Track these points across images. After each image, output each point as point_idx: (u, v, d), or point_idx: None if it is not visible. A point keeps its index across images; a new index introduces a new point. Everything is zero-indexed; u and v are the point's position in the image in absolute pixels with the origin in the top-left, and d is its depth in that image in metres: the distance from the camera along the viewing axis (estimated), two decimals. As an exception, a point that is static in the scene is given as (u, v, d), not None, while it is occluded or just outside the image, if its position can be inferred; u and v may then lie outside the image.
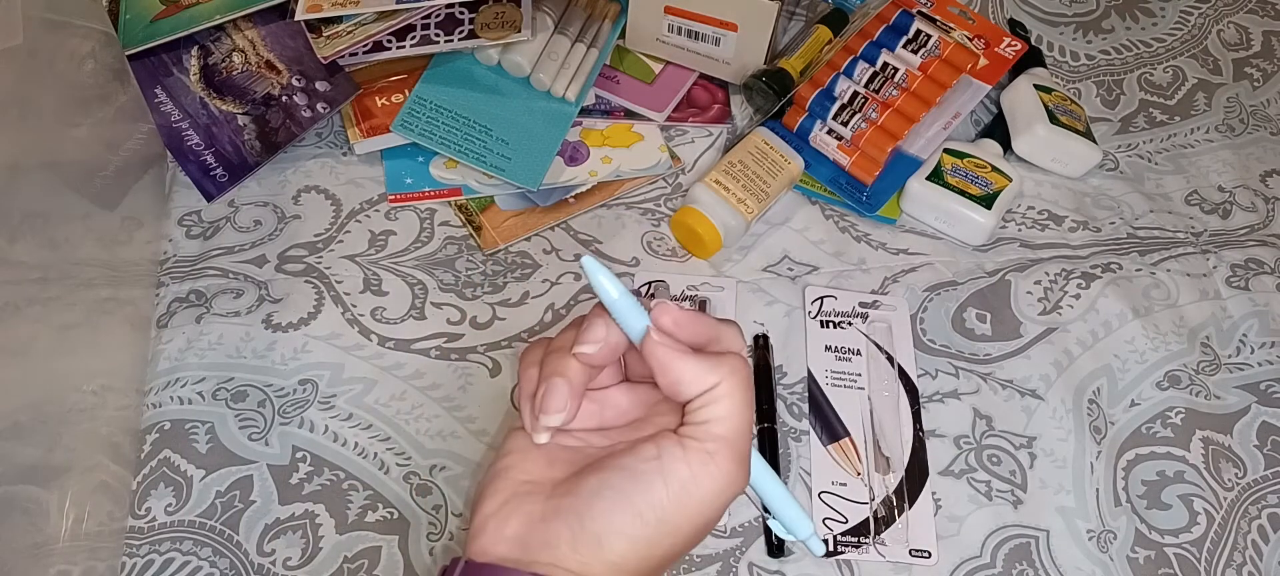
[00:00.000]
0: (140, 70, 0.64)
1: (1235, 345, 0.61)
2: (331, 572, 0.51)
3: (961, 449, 0.56)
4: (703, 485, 0.29)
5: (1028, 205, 0.68)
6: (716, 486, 0.30)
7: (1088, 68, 0.77)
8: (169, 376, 0.57)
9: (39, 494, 0.44)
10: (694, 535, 0.31)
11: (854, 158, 0.66)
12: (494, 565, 0.30)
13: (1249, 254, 0.66)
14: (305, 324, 0.60)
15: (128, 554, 0.51)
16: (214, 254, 0.63)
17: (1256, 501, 0.55)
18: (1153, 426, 0.58)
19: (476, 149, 0.66)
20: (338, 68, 0.67)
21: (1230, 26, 0.81)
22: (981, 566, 0.52)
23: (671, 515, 0.29)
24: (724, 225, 0.62)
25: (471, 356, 0.59)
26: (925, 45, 0.69)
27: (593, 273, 0.31)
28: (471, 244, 0.64)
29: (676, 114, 0.71)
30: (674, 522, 0.29)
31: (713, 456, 0.30)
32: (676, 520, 0.29)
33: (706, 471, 0.29)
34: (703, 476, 0.29)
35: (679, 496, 0.29)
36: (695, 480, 0.29)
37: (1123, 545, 0.53)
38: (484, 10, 0.67)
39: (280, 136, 0.66)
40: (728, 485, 0.30)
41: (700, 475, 0.29)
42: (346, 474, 0.54)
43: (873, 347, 0.60)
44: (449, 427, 0.56)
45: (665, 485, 0.29)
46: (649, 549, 0.30)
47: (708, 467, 0.30)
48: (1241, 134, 0.73)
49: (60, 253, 0.50)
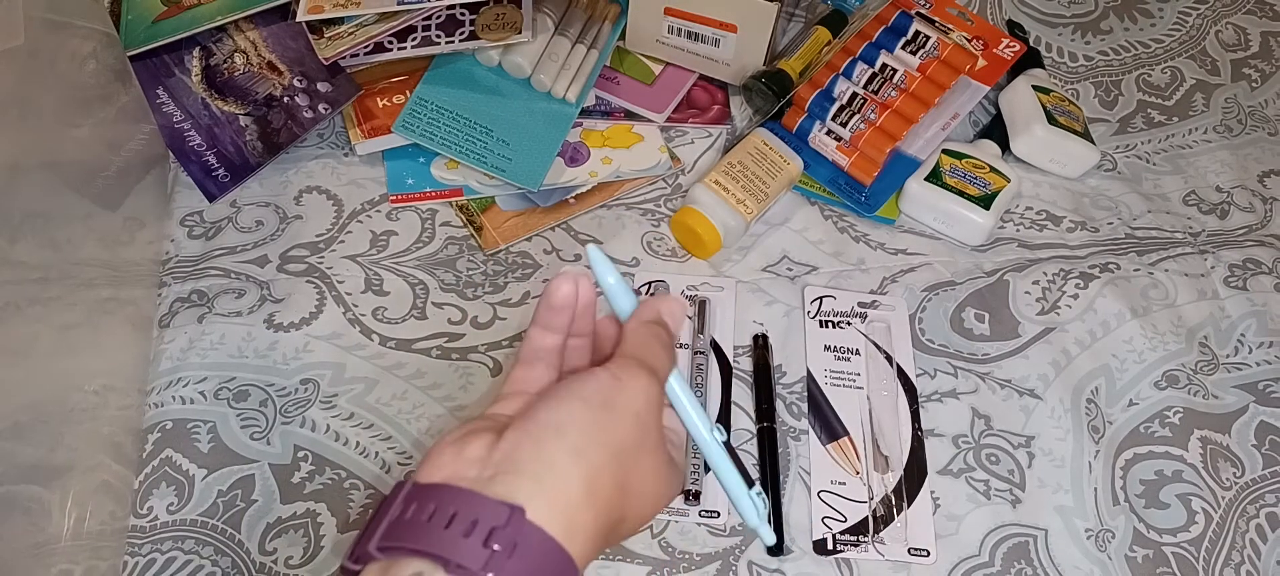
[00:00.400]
0: (142, 71, 0.65)
1: (1233, 345, 0.62)
2: (333, 572, 0.51)
3: (960, 448, 0.56)
4: (627, 384, 0.33)
5: (1026, 205, 0.68)
6: (639, 385, 0.33)
7: (1086, 69, 0.78)
8: (171, 376, 0.57)
9: (41, 493, 0.44)
10: (641, 446, 0.33)
11: (853, 158, 0.66)
12: (442, 485, 0.30)
13: (1247, 254, 0.66)
14: (307, 323, 0.60)
15: (129, 553, 0.51)
16: (216, 254, 0.63)
17: (1254, 500, 0.55)
18: (1151, 426, 0.58)
19: (477, 150, 0.66)
20: (339, 69, 0.67)
21: (1228, 27, 0.81)
22: (980, 565, 0.52)
23: (614, 400, 0.32)
24: (724, 225, 0.62)
25: (472, 356, 0.59)
26: (924, 46, 0.69)
27: (595, 261, 0.36)
28: (472, 244, 0.64)
29: (676, 115, 0.71)
30: (619, 409, 0.32)
31: (628, 365, 0.34)
32: (619, 406, 0.32)
33: (627, 371, 0.33)
34: (625, 375, 0.33)
35: (614, 386, 0.33)
36: (618, 379, 0.33)
37: (1121, 544, 0.53)
38: (485, 12, 0.67)
39: (282, 137, 0.66)
40: (651, 388, 0.33)
41: (622, 375, 0.33)
42: (348, 473, 0.54)
43: (872, 347, 0.60)
44: (450, 427, 0.56)
45: (605, 377, 0.33)
46: (601, 435, 0.31)
47: (627, 369, 0.33)
48: (1239, 134, 0.74)
49: (62, 253, 0.50)
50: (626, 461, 0.32)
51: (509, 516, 0.28)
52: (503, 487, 0.29)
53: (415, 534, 0.28)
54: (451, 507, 0.28)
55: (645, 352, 0.35)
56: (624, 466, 0.32)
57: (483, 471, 0.30)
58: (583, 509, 0.30)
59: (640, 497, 0.33)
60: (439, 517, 0.28)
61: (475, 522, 0.28)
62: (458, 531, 0.28)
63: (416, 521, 0.29)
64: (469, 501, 0.29)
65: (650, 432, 0.33)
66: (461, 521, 0.28)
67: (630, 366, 0.34)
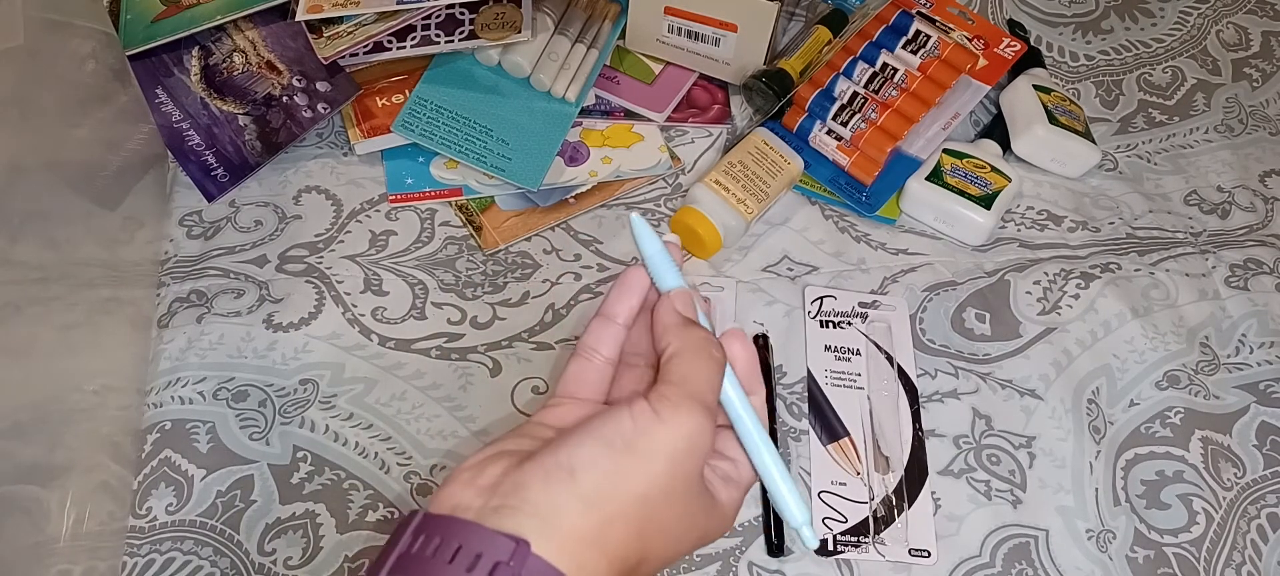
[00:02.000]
0: (141, 71, 0.64)
1: (1234, 345, 0.61)
2: (332, 572, 0.51)
3: (961, 448, 0.56)
4: (666, 422, 0.31)
5: (1027, 205, 0.68)
6: (680, 426, 0.31)
7: (1087, 68, 0.77)
8: (170, 376, 0.57)
9: (40, 493, 0.44)
10: (670, 492, 0.31)
11: (853, 158, 0.66)
12: (449, 517, 0.29)
13: (1248, 254, 0.66)
14: (306, 324, 0.60)
15: (128, 553, 0.51)
16: (215, 254, 0.63)
17: (1255, 501, 0.55)
18: (1152, 426, 0.58)
19: (477, 149, 0.66)
20: (338, 68, 0.67)
21: (1229, 27, 0.81)
22: (981, 566, 0.52)
23: (638, 444, 0.30)
24: (724, 225, 0.62)
25: (472, 356, 0.59)
26: (924, 46, 0.69)
27: (637, 228, 0.36)
28: (472, 244, 0.64)
29: (676, 114, 0.71)
30: (644, 454, 0.30)
31: (669, 400, 0.31)
32: (645, 450, 0.30)
33: (667, 408, 0.31)
34: (665, 412, 0.31)
35: (644, 428, 0.31)
36: (658, 416, 0.31)
37: (1122, 544, 0.53)
38: (484, 11, 0.67)
39: (281, 137, 0.66)
40: (693, 430, 0.31)
41: (662, 411, 0.31)
42: (347, 473, 0.54)
43: (872, 347, 0.60)
44: (449, 427, 0.56)
45: (631, 418, 0.31)
46: (620, 482, 0.30)
47: (667, 405, 0.31)
48: (1240, 134, 0.74)
49: (61, 253, 0.50)
50: (650, 507, 0.30)
51: (513, 551, 0.28)
52: (507, 521, 0.29)
53: (421, 568, 0.28)
54: (456, 541, 0.28)
55: (695, 379, 0.32)
56: (646, 511, 0.30)
57: (489, 500, 0.30)
58: (590, 549, 0.29)
59: (665, 539, 0.32)
60: (444, 551, 0.28)
61: (479, 556, 0.28)
62: (461, 566, 0.28)
63: (421, 556, 0.28)
64: (474, 535, 0.28)
65: (684, 476, 0.31)
66: (465, 556, 0.28)
67: (672, 402, 0.31)
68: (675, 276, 0.36)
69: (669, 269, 0.36)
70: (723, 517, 0.34)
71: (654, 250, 0.36)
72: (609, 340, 0.36)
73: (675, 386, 0.32)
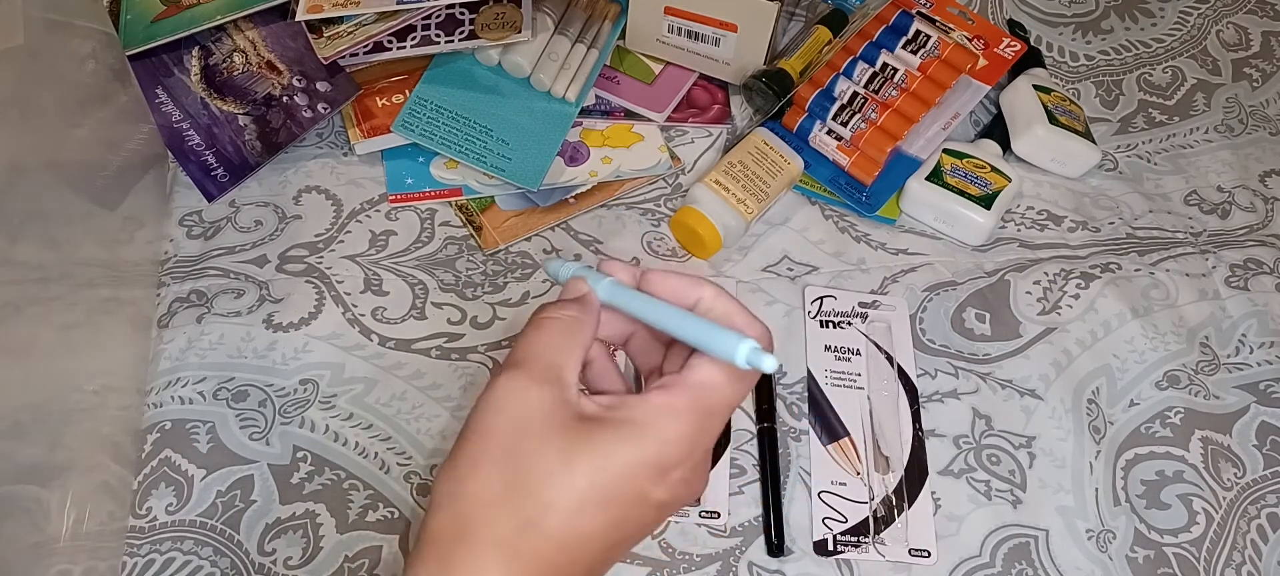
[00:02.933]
0: (141, 70, 0.64)
1: (1234, 345, 0.61)
2: (332, 572, 0.51)
3: (961, 448, 0.56)
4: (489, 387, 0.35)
5: (1027, 205, 0.68)
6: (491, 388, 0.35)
7: (1087, 68, 0.77)
8: (170, 376, 0.57)
9: (40, 493, 0.44)
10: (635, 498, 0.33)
11: (853, 158, 0.66)
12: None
13: (1248, 254, 0.66)
14: (306, 324, 0.60)
15: (128, 553, 0.51)
16: (215, 254, 0.63)
17: (1255, 501, 0.55)
18: (1152, 426, 0.58)
19: (477, 149, 0.66)
20: (338, 68, 0.67)
21: (1229, 27, 0.81)
22: (981, 566, 0.52)
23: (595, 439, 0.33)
24: (724, 225, 0.62)
25: (472, 356, 0.59)
26: (924, 46, 0.69)
27: (549, 270, 0.41)
28: (472, 244, 0.64)
29: (676, 114, 0.71)
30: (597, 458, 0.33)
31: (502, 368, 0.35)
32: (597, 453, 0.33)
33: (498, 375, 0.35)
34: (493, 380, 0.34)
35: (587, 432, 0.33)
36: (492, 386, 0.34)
37: (1122, 544, 0.53)
38: (484, 11, 0.67)
39: (281, 137, 0.66)
40: (500, 389, 0.35)
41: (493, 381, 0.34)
42: (347, 473, 0.54)
43: (872, 347, 0.60)
44: (449, 427, 0.56)
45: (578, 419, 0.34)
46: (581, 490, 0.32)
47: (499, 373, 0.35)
48: (1240, 134, 0.74)
49: (61, 253, 0.50)
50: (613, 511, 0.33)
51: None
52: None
53: None
54: None
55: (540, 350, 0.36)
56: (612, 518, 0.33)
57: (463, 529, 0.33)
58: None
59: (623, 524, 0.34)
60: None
61: None
62: None
63: None
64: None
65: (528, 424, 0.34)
66: None
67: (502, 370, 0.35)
68: (567, 268, 0.40)
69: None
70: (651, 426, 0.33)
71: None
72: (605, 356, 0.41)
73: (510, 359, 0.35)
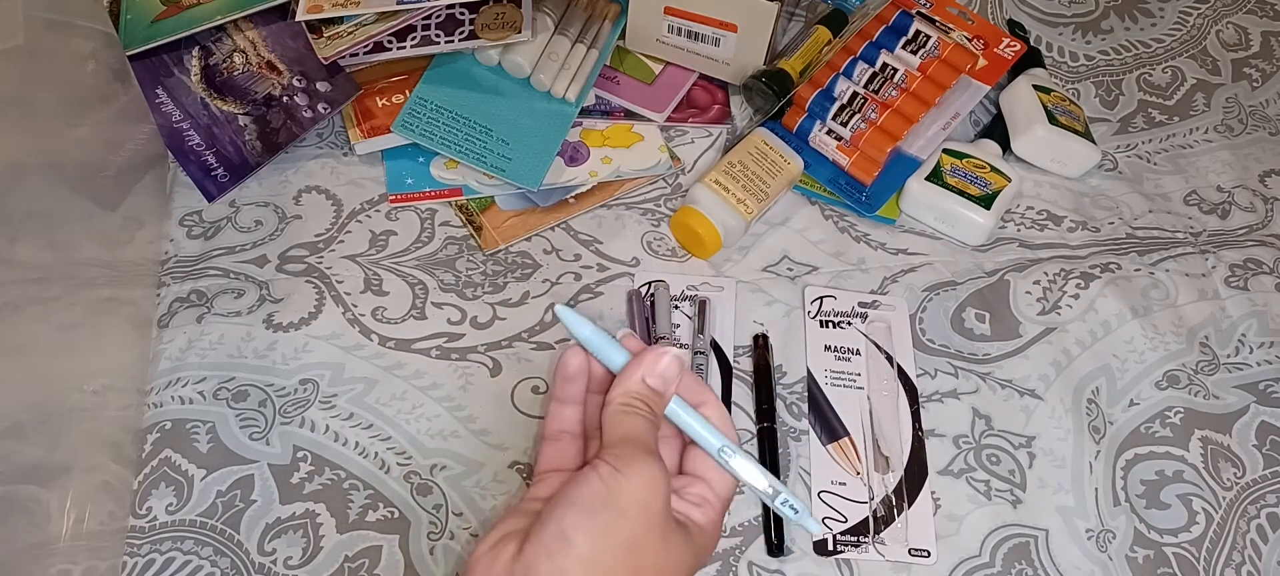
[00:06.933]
0: (141, 71, 0.64)
1: (1234, 345, 0.61)
2: (332, 572, 0.51)
3: (961, 448, 0.56)
4: (627, 474, 0.35)
5: (1027, 205, 0.68)
6: (638, 473, 0.35)
7: (1087, 68, 0.77)
8: (170, 376, 0.57)
9: (40, 493, 0.44)
10: (650, 533, 0.34)
11: (853, 158, 0.66)
12: None
13: (1248, 254, 0.66)
14: (306, 324, 0.60)
15: (129, 553, 0.51)
16: (215, 254, 0.63)
17: (1255, 501, 0.55)
18: (1152, 426, 0.58)
19: (477, 149, 0.66)
20: (338, 68, 0.67)
21: (1229, 27, 0.81)
22: (981, 566, 0.52)
23: (613, 500, 0.34)
24: (724, 225, 0.62)
25: (472, 356, 0.59)
26: (924, 46, 0.69)
27: (565, 320, 0.39)
28: (472, 244, 0.64)
29: (676, 114, 0.71)
30: (619, 507, 0.34)
31: (621, 454, 0.35)
32: (620, 504, 0.34)
33: (623, 461, 0.35)
34: (623, 465, 0.35)
35: (613, 485, 0.34)
36: (620, 471, 0.35)
37: (1122, 544, 0.53)
38: (484, 11, 0.67)
39: (281, 137, 0.66)
40: (650, 473, 0.35)
41: (621, 465, 0.35)
42: (347, 473, 0.54)
43: (872, 347, 0.60)
44: (449, 427, 0.56)
45: (600, 478, 0.35)
46: (608, 537, 0.33)
47: (622, 459, 0.35)
48: (1240, 134, 0.74)
49: (61, 253, 0.50)
50: (639, 551, 0.34)
51: None
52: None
53: None
54: None
55: (631, 433, 0.36)
56: (635, 560, 0.34)
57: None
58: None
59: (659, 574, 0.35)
60: None
61: None
62: None
63: None
64: None
65: (658, 515, 0.35)
66: None
67: (624, 455, 0.35)
68: (617, 352, 0.39)
69: (608, 347, 0.39)
70: (707, 537, 0.38)
71: (588, 334, 0.39)
72: (569, 419, 0.40)
73: (619, 442, 0.36)
